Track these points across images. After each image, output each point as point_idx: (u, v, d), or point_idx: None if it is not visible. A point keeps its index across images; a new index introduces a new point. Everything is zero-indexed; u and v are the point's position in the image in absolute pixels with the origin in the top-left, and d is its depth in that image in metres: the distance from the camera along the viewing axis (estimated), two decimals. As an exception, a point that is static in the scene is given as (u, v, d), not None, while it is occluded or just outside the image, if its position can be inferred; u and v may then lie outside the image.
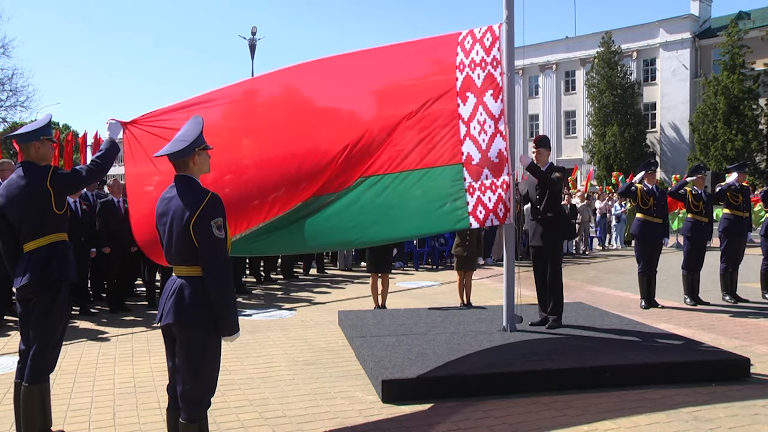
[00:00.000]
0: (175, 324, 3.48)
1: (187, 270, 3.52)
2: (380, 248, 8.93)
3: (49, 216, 4.23)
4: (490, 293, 10.25)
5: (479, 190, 6.19)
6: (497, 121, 6.22)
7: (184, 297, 3.48)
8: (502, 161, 6.22)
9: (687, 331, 7.50)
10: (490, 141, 6.22)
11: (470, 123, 6.22)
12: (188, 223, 3.44)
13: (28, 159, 4.29)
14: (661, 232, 9.44)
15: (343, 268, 14.29)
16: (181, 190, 3.55)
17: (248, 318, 8.71)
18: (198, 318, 3.47)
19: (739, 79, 38.48)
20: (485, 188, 6.20)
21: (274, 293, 11.14)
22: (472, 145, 6.23)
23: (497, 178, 6.20)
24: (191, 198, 3.49)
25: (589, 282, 12.25)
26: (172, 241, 3.53)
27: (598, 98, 44.07)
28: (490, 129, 6.23)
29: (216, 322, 3.49)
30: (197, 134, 3.61)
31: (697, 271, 9.59)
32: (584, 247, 18.66)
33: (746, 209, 9.94)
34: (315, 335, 7.60)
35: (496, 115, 6.22)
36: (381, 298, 9.05)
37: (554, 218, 7.27)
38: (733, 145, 37.50)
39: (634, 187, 9.46)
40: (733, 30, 39.11)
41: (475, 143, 6.24)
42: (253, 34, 28.45)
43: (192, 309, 3.47)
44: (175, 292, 3.51)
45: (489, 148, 6.22)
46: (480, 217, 6.20)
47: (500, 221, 6.26)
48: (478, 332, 6.82)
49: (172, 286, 3.56)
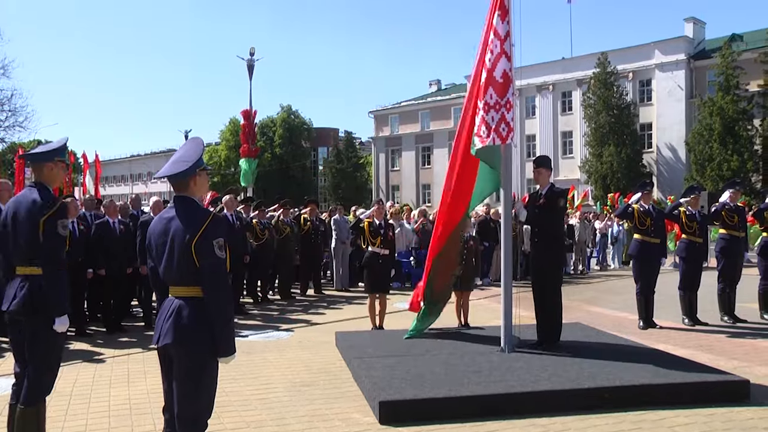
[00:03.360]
0: (174, 345, 3.45)
1: (185, 291, 3.50)
2: (378, 269, 8.92)
3: (38, 246, 4.13)
4: (487, 314, 10.20)
5: (483, 109, 6.48)
6: (503, 42, 6.48)
7: (182, 318, 3.45)
8: (506, 81, 6.46)
9: (685, 351, 7.47)
10: (496, 60, 6.47)
11: (481, 44, 6.64)
12: (189, 243, 3.43)
13: (40, 180, 4.28)
14: (659, 252, 9.45)
15: (341, 289, 14.23)
16: (181, 211, 3.54)
17: (245, 339, 8.66)
18: (197, 339, 3.44)
19: (734, 100, 38.78)
20: (489, 107, 6.47)
21: (272, 314, 11.09)
22: (477, 63, 6.63)
23: (501, 97, 6.45)
24: (192, 218, 3.49)
25: (587, 302, 12.22)
26: (172, 261, 3.50)
27: (594, 118, 44.28)
28: (496, 49, 6.49)
29: (214, 343, 3.47)
30: (198, 155, 3.62)
31: (694, 291, 9.58)
32: (582, 267, 18.64)
33: (742, 229, 9.97)
34: (312, 356, 7.55)
35: (502, 36, 6.49)
36: (378, 318, 9.02)
37: (554, 241, 7.29)
38: (729, 165, 37.65)
39: (630, 209, 9.49)
40: (726, 52, 39.49)
41: (482, 62, 6.57)
42: (251, 55, 28.61)
43: (191, 330, 3.44)
44: (173, 312, 3.48)
45: (494, 68, 6.47)
46: (483, 136, 6.52)
47: (502, 141, 6.52)
48: (475, 353, 6.79)
49: (170, 306, 3.53)
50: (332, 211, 15.57)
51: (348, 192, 58.70)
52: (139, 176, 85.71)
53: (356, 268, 13.75)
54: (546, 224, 7.27)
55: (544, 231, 7.26)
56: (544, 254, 7.24)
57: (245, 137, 26.69)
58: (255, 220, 12.27)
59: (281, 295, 12.99)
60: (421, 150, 60.11)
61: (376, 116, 63.89)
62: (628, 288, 11.75)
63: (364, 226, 9.09)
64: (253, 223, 12.18)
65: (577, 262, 18.55)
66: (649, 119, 45.83)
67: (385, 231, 9.05)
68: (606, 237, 20.42)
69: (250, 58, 28.62)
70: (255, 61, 28.70)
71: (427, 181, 59.22)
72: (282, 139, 61.14)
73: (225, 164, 62.13)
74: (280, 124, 61.85)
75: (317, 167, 67.22)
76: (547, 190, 7.30)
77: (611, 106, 43.77)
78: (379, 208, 9.30)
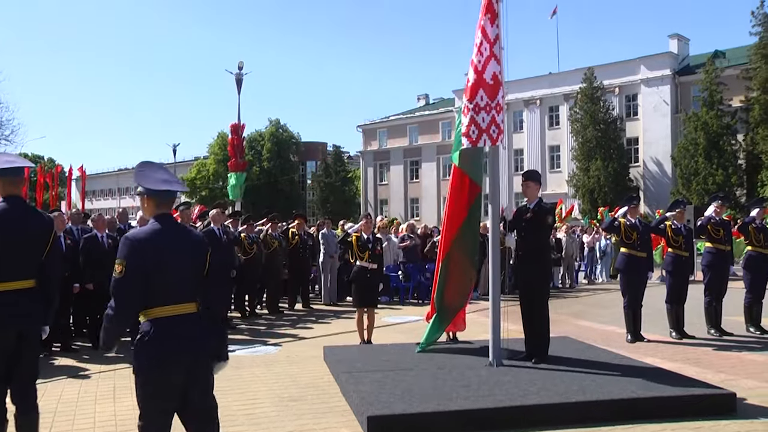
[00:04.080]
0: (204, 356, 3.58)
1: (192, 307, 3.57)
2: (366, 283, 8.91)
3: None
4: (476, 328, 10.18)
5: (473, 110, 6.60)
6: (492, 45, 6.62)
7: (206, 332, 3.58)
8: (496, 84, 6.59)
9: (673, 365, 7.49)
10: (486, 63, 6.60)
11: (473, 47, 6.72)
12: (206, 257, 3.64)
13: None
14: (646, 265, 9.50)
15: (329, 303, 14.20)
16: (182, 226, 3.75)
17: (232, 354, 8.57)
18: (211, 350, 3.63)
19: (718, 115, 39.12)
20: (479, 108, 6.59)
21: (259, 328, 11.04)
22: (470, 67, 6.70)
23: (492, 99, 6.58)
24: (195, 234, 3.73)
25: (575, 316, 12.24)
26: (186, 278, 3.56)
27: (581, 133, 44.50)
28: (486, 51, 6.62)
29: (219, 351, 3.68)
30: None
31: (681, 304, 9.63)
32: (570, 281, 18.69)
33: (728, 243, 10.04)
34: (300, 371, 7.52)
35: (491, 39, 6.63)
36: (367, 333, 9.00)
37: (542, 255, 7.31)
38: (714, 179, 37.93)
39: (617, 222, 9.54)
40: (710, 68, 39.89)
41: (473, 65, 6.68)
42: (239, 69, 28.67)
43: (209, 342, 3.60)
44: (200, 327, 3.57)
45: (484, 70, 6.60)
46: (473, 137, 6.65)
47: (492, 142, 6.65)
48: (464, 367, 6.78)
49: (189, 321, 3.54)
50: (320, 225, 15.57)
51: (336, 206, 58.60)
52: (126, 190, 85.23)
53: (344, 282, 13.72)
54: (533, 238, 7.29)
55: (531, 245, 7.28)
56: (531, 268, 7.26)
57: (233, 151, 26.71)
58: (243, 234, 12.24)
59: (269, 310, 12.94)
60: (410, 164, 60.18)
61: (365, 130, 63.98)
62: (615, 302, 11.79)
63: (352, 240, 9.09)
64: (241, 237, 12.14)
65: (565, 276, 18.61)
66: (635, 134, 46.13)
67: (373, 245, 9.05)
68: (594, 251, 20.51)
69: (239, 72, 28.69)
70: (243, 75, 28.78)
71: (415, 195, 59.29)
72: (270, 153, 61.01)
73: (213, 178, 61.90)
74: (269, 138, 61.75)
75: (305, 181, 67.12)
76: (534, 205, 7.34)
77: (598, 121, 44.02)
78: (367, 222, 9.31)
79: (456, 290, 7.69)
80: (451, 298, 7.70)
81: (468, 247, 7.65)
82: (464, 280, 7.74)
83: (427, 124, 58.31)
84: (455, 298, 7.73)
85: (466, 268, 7.71)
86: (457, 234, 7.51)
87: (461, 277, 7.68)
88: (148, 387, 3.42)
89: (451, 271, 7.58)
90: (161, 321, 3.44)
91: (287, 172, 62.36)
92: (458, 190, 7.46)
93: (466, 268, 7.73)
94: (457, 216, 7.49)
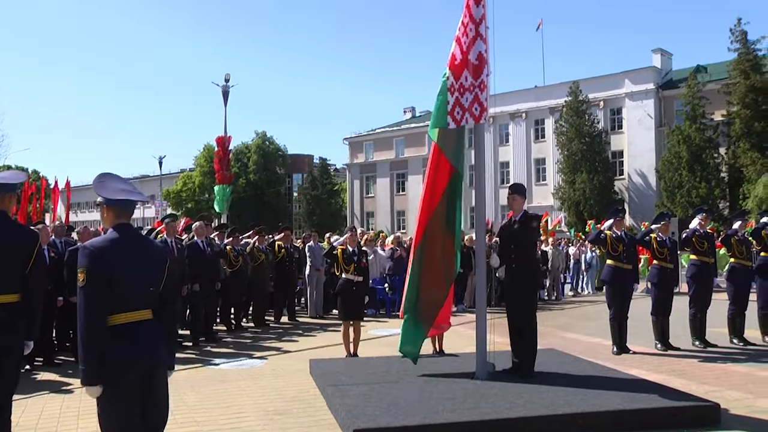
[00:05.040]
0: (162, 365, 3.64)
1: (148, 313, 3.63)
2: (352, 296, 8.90)
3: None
4: (462, 340, 10.19)
5: (458, 90, 6.63)
6: (477, 25, 6.70)
7: (162, 339, 3.65)
8: (481, 63, 6.67)
9: (658, 376, 7.52)
10: (471, 43, 6.67)
11: (459, 26, 6.77)
12: (164, 268, 3.68)
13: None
14: (631, 278, 9.55)
15: (315, 316, 14.15)
16: (141, 236, 3.83)
17: (217, 367, 8.55)
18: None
19: (700, 128, 39.56)
20: (464, 89, 6.64)
21: (245, 341, 10.99)
22: (456, 46, 6.73)
23: (476, 78, 6.65)
24: (155, 244, 3.81)
25: (561, 328, 12.27)
26: (143, 287, 3.62)
27: (567, 146, 44.83)
28: (471, 32, 6.70)
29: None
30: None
31: (666, 316, 9.69)
32: (556, 294, 18.75)
33: (712, 255, 10.13)
34: (286, 384, 7.48)
35: (477, 19, 6.69)
36: (353, 346, 8.97)
37: (529, 265, 7.33)
38: (698, 192, 38.25)
39: (603, 235, 9.59)
40: (692, 82, 40.33)
41: (459, 43, 6.72)
42: (226, 81, 28.69)
43: (165, 350, 3.67)
44: (156, 334, 3.63)
45: (469, 51, 6.67)
46: (457, 117, 6.66)
47: (475, 120, 6.67)
48: (450, 380, 6.77)
49: (146, 328, 3.60)
50: (306, 238, 15.55)
51: (322, 218, 58.57)
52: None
53: (330, 295, 13.68)
54: (520, 247, 7.30)
55: (518, 253, 7.29)
56: (519, 277, 7.24)
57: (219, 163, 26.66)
58: (229, 247, 12.20)
59: (255, 323, 12.89)
60: (396, 177, 60.29)
61: (351, 143, 64.09)
62: (601, 314, 11.83)
63: (338, 253, 9.10)
64: (227, 249, 12.11)
65: (551, 288, 18.67)
66: (620, 147, 46.52)
67: (358, 258, 9.06)
68: (579, 263, 20.61)
69: (225, 84, 28.72)
70: (230, 88, 28.80)
71: (401, 207, 59.32)
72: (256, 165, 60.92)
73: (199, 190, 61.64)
74: (255, 151, 61.67)
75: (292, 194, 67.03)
76: (521, 216, 7.37)
77: (583, 134, 44.37)
78: (352, 235, 9.34)
79: (433, 280, 6.98)
80: (428, 290, 7.01)
81: (445, 231, 6.95)
82: (441, 268, 6.98)
83: (414, 136, 58.48)
84: (433, 289, 7.01)
85: (443, 254, 6.97)
86: (432, 217, 6.93)
87: (437, 264, 6.96)
88: (108, 397, 3.44)
89: (426, 259, 6.96)
90: (118, 328, 3.50)
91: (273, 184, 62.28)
92: (434, 170, 6.94)
93: (444, 255, 6.97)
94: (432, 198, 6.94)
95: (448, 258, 7.00)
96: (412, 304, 7.07)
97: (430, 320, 7.09)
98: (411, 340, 7.16)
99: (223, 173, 26.29)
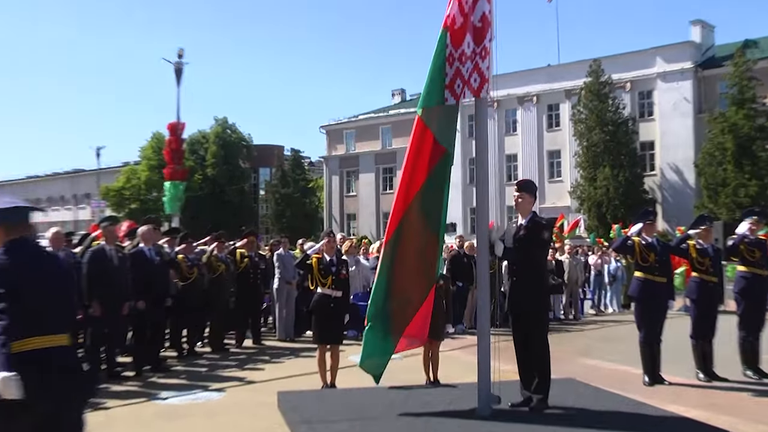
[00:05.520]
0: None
1: (65, 339, 3.66)
2: (329, 314, 8.86)
3: None
4: (461, 368, 10.16)
5: (458, 60, 6.56)
6: None
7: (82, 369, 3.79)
8: (485, 25, 6.63)
9: (699, 413, 7.50)
10: (474, 4, 6.63)
11: None
12: (73, 286, 3.82)
13: None
14: (665, 293, 9.54)
15: (284, 339, 14.12)
16: (43, 252, 3.90)
17: (165, 402, 8.49)
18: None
19: (750, 115, 39.42)
20: (465, 58, 6.57)
21: (199, 370, 10.97)
22: (454, 4, 6.61)
23: (478, 45, 6.60)
24: (61, 260, 4.00)
25: (580, 353, 12.29)
26: (65, 305, 3.69)
27: (586, 136, 44.98)
28: None
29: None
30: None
31: (709, 339, 9.67)
32: (574, 312, 18.78)
33: (765, 266, 10.05)
34: (249, 421, 7.46)
35: None
36: (330, 374, 8.96)
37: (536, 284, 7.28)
38: (747, 190, 38.05)
39: (630, 242, 9.58)
40: (740, 60, 40.24)
41: (459, 3, 6.60)
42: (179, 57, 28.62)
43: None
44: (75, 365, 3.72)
45: (472, 12, 6.63)
46: (457, 91, 6.60)
47: (474, 94, 6.61)
48: (446, 416, 6.77)
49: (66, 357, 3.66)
50: (275, 245, 15.51)
51: (294, 221, 58.58)
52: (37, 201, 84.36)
53: (303, 313, 13.63)
54: (526, 260, 7.26)
55: (525, 268, 7.26)
56: (525, 295, 7.21)
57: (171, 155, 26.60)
58: (181, 256, 12.13)
59: (212, 347, 12.83)
60: (382, 172, 60.42)
61: (329, 131, 64.21)
62: (629, 336, 11.84)
63: (313, 263, 9.05)
64: (179, 258, 12.04)
65: (568, 305, 18.69)
66: (650, 137, 46.80)
67: (337, 269, 9.04)
68: (602, 275, 20.64)
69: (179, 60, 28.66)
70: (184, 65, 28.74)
71: (388, 208, 58.65)
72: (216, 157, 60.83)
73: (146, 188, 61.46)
74: (214, 140, 61.60)
75: (258, 191, 67.08)
76: (528, 221, 7.31)
77: (606, 122, 44.52)
78: (330, 241, 9.31)
79: (408, 280, 6.84)
80: (401, 292, 6.84)
81: (426, 222, 6.79)
82: (419, 265, 6.85)
83: (404, 124, 58.45)
84: (406, 290, 6.86)
85: (424, 248, 6.83)
86: (411, 205, 6.71)
87: (413, 260, 6.81)
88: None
89: (400, 253, 6.77)
90: (23, 355, 3.49)
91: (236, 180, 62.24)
92: (417, 149, 6.74)
93: (425, 250, 6.84)
94: (411, 182, 6.73)
95: (429, 253, 6.88)
96: (379, 310, 6.87)
97: (400, 329, 6.94)
98: (376, 353, 7.02)
99: (175, 167, 26.25)
